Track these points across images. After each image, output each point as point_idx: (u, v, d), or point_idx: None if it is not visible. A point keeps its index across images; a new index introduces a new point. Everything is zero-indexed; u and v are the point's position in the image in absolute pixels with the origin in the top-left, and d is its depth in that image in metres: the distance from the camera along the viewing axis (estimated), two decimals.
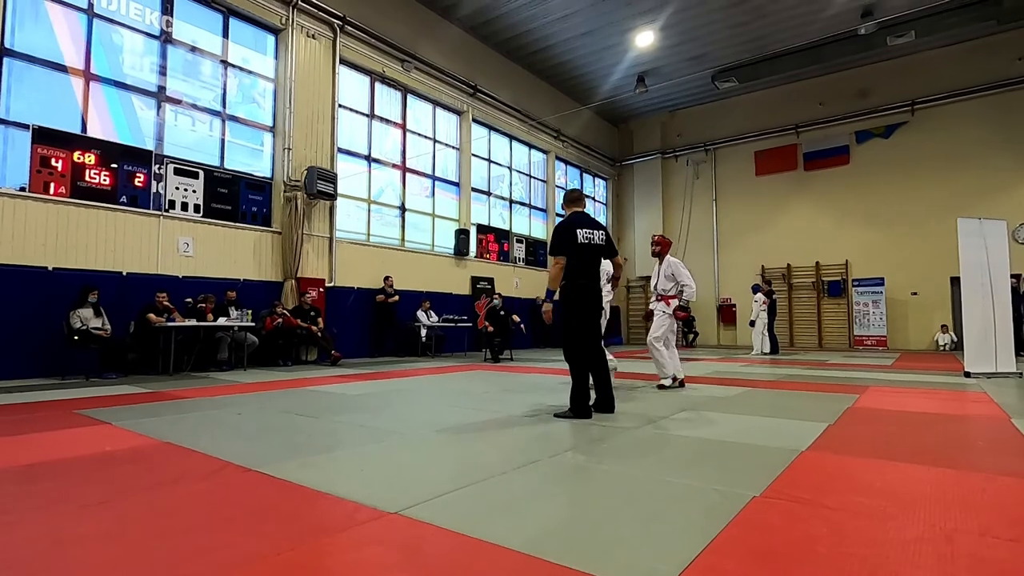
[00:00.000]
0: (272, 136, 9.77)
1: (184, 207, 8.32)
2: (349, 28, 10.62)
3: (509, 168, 15.51)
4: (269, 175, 9.66)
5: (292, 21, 9.74)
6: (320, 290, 9.78)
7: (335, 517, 2.02)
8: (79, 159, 7.27)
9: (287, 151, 9.55)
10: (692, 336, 17.00)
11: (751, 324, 12.65)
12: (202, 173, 8.57)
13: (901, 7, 12.08)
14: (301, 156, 9.74)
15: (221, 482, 2.44)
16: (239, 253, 8.94)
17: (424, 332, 11.11)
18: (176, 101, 8.52)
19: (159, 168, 8.08)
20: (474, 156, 14.00)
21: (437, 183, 12.99)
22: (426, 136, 12.80)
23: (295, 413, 4.27)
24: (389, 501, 2.13)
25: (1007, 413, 4.30)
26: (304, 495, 2.25)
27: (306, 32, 9.99)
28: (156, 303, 7.23)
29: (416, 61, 11.98)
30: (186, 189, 8.35)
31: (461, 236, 13.11)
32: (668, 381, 5.70)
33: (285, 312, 8.83)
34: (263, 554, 1.67)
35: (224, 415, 4.17)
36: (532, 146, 16.27)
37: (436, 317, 11.46)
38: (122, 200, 7.64)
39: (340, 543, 1.78)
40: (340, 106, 10.59)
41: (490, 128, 14.65)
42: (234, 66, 9.32)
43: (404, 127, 12.23)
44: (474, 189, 13.95)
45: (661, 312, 5.83)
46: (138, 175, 7.82)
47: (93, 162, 7.39)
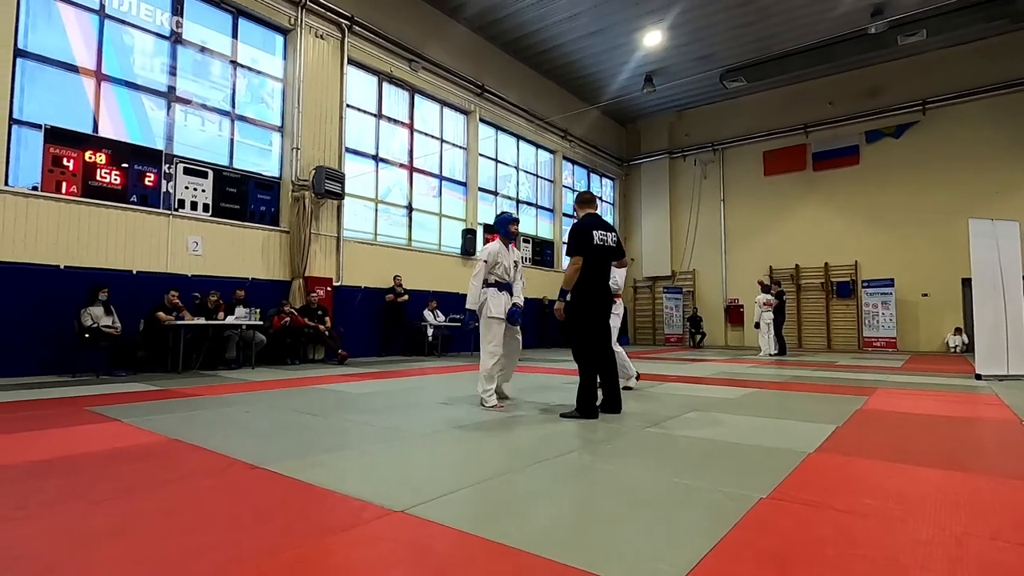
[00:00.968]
0: (280, 136, 9.82)
1: (193, 206, 8.38)
2: (357, 28, 10.65)
3: (516, 168, 15.51)
4: (277, 175, 9.71)
5: (301, 21, 9.79)
6: (327, 289, 9.82)
7: (342, 515, 2.03)
8: (90, 159, 7.34)
9: (295, 151, 9.61)
10: (700, 337, 16.93)
11: (756, 326, 12.57)
12: (211, 173, 8.63)
13: (912, 6, 11.96)
14: (309, 156, 9.79)
15: (229, 479, 2.46)
16: (247, 252, 9.00)
17: (431, 332, 11.13)
18: (186, 101, 8.59)
19: (169, 168, 8.15)
20: (481, 156, 14.00)
21: (444, 183, 13.01)
22: (433, 136, 12.81)
23: (302, 412, 4.30)
24: (396, 499, 2.13)
25: (1018, 416, 4.25)
26: (311, 493, 2.26)
27: (314, 32, 10.03)
28: (166, 301, 7.29)
29: (424, 61, 12.01)
30: (195, 188, 8.41)
31: (468, 236, 13.12)
32: (633, 382, 5.63)
33: (293, 311, 8.88)
34: (270, 551, 1.68)
35: (232, 413, 4.20)
36: (539, 146, 16.25)
37: (443, 317, 11.48)
38: (132, 199, 7.71)
39: (347, 541, 1.79)
40: (348, 106, 10.62)
41: (497, 128, 14.65)
42: (243, 66, 9.38)
43: (411, 127, 12.26)
44: (481, 189, 13.96)
45: (615, 314, 5.50)
46: (148, 174, 7.89)
47: (104, 162, 7.46)
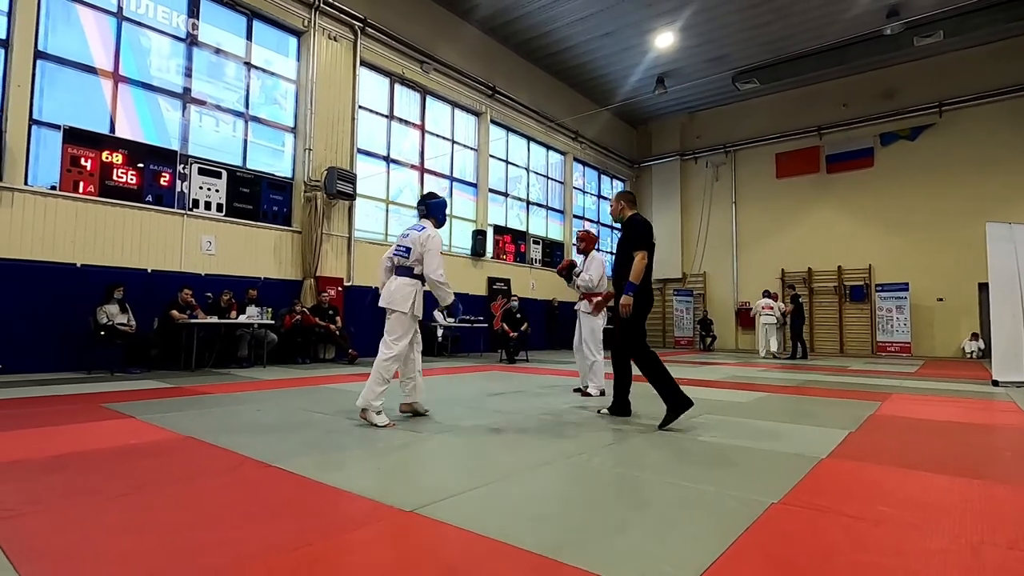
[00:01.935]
0: (293, 137, 9.90)
1: (207, 206, 8.47)
2: (370, 30, 10.72)
3: (526, 169, 15.51)
4: (290, 175, 9.79)
5: (314, 23, 9.87)
6: (339, 289, 9.88)
7: (352, 514, 2.04)
8: (107, 159, 7.45)
9: (308, 152, 9.68)
10: (710, 340, 16.81)
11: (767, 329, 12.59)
12: (225, 173, 8.73)
13: (928, 7, 11.82)
14: (321, 157, 9.86)
15: (240, 477, 2.49)
16: (260, 252, 9.09)
17: (440, 332, 11.16)
18: (201, 102, 8.69)
19: (184, 168, 8.25)
20: (492, 157, 14.02)
21: (455, 184, 13.04)
22: (444, 137, 12.86)
23: (313, 410, 4.33)
24: (405, 499, 2.14)
25: None
26: (321, 491, 2.28)
27: (327, 34, 10.11)
28: (180, 300, 7.38)
29: (435, 63, 12.05)
30: (209, 188, 8.51)
31: (478, 237, 13.14)
32: (596, 391, 5.18)
33: (304, 311, 8.95)
34: (280, 548, 1.69)
35: (244, 411, 4.24)
36: (550, 147, 16.25)
37: (452, 317, 11.49)
38: (148, 199, 7.82)
39: (356, 540, 1.80)
40: (360, 107, 10.69)
41: (508, 129, 14.67)
42: (257, 68, 9.47)
43: (423, 128, 12.31)
44: (491, 190, 13.98)
45: (585, 312, 5.36)
46: (163, 175, 7.99)
47: (120, 162, 7.57)
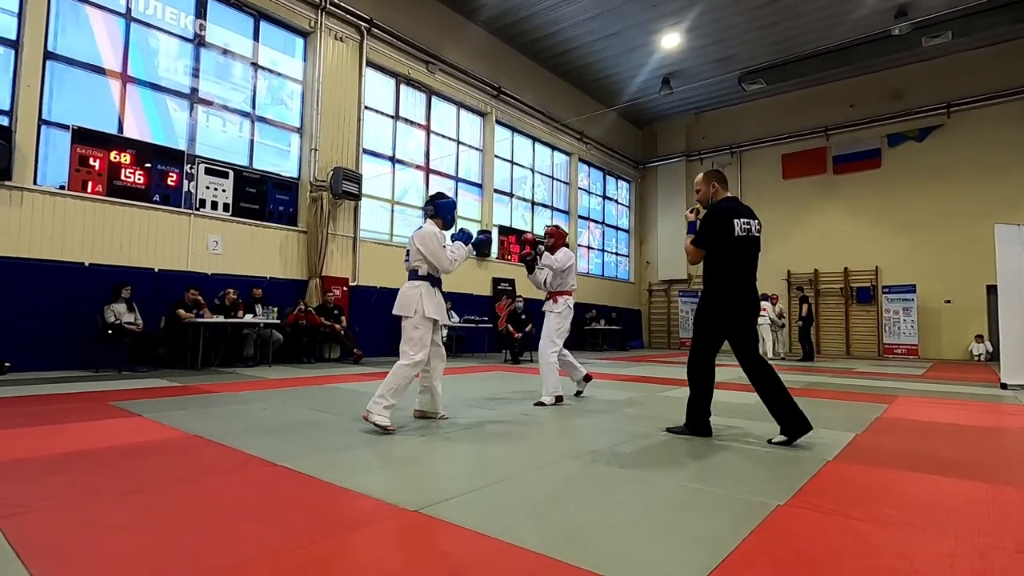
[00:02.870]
0: (299, 137, 9.94)
1: (214, 206, 8.51)
2: (376, 31, 10.75)
3: (532, 170, 15.51)
4: (296, 175, 9.83)
5: (320, 24, 9.91)
6: (344, 289, 9.91)
7: (356, 513, 2.04)
8: (115, 159, 7.50)
9: (314, 152, 9.72)
10: None
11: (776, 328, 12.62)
12: (232, 173, 8.77)
13: (937, 7, 11.74)
14: (327, 157, 9.89)
15: (246, 476, 2.50)
16: (266, 251, 9.13)
17: (445, 332, 11.15)
18: (208, 102, 8.74)
19: (191, 168, 8.30)
20: (497, 158, 14.03)
21: (460, 184, 13.06)
22: (450, 138, 12.87)
23: (318, 410, 4.34)
24: (409, 499, 2.15)
25: None
26: (326, 490, 2.28)
27: (334, 35, 10.15)
28: (186, 299, 7.42)
29: (441, 63, 12.07)
30: (216, 188, 8.55)
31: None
32: (550, 399, 4.84)
33: (310, 310, 8.98)
34: (285, 547, 1.70)
35: (250, 410, 4.26)
36: (555, 148, 16.24)
37: (457, 317, 11.51)
38: (155, 199, 7.86)
39: (361, 539, 1.80)
40: (366, 108, 10.72)
41: (513, 130, 14.67)
42: (264, 68, 9.52)
43: (428, 129, 12.33)
44: (496, 190, 13.99)
45: (551, 312, 5.03)
46: (171, 174, 8.04)
47: (128, 161, 7.62)
